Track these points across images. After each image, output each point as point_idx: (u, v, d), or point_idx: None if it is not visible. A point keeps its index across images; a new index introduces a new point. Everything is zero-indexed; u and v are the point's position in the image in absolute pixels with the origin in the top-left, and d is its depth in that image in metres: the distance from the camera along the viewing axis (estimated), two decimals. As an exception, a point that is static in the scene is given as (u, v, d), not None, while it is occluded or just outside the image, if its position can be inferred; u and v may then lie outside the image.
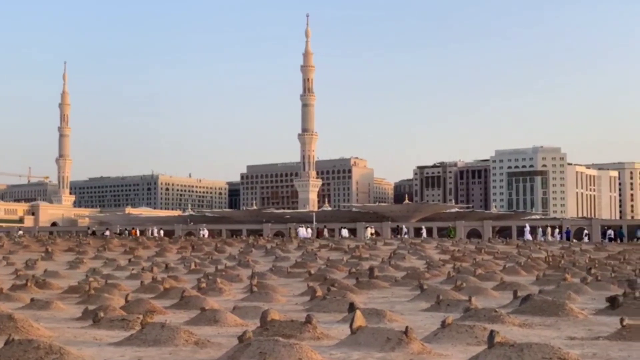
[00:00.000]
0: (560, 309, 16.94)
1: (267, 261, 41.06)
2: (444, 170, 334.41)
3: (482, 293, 22.43)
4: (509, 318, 15.58)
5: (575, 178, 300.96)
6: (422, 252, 47.47)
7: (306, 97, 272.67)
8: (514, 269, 33.70)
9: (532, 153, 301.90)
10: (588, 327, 15.16)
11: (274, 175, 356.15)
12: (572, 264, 36.65)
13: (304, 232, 79.13)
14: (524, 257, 41.99)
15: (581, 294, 22.18)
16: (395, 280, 27.67)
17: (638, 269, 33.25)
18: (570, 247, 56.00)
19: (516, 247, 54.58)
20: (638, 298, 17.78)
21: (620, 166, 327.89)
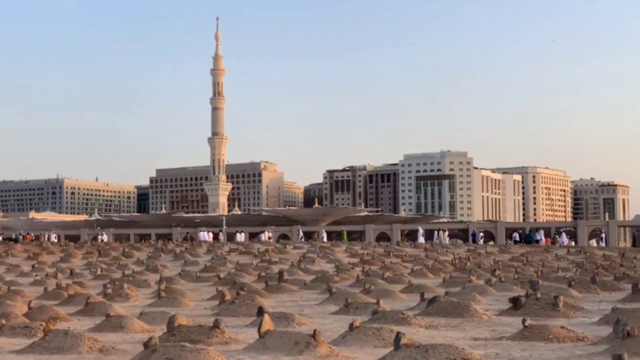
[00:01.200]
0: (465, 310, 17.26)
1: (176, 266, 40.64)
2: (353, 174, 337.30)
3: (390, 296, 22.68)
4: (415, 320, 15.79)
5: (481, 182, 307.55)
6: (331, 256, 47.73)
7: (216, 101, 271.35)
8: (422, 271, 34.20)
9: (439, 157, 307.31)
10: (492, 327, 15.49)
11: (183, 179, 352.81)
12: (478, 266, 37.40)
13: (205, 236, 78.27)
14: (431, 260, 42.66)
15: (486, 295, 22.66)
16: (304, 284, 27.74)
17: (540, 270, 34.18)
18: (476, 249, 57.15)
19: (424, 250, 55.41)
20: (539, 299, 18.25)
21: (523, 170, 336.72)
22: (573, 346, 12.68)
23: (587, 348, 12.39)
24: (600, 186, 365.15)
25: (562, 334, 13.38)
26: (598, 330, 14.50)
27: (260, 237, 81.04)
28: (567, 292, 22.38)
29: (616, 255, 50.54)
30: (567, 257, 48.16)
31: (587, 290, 24.47)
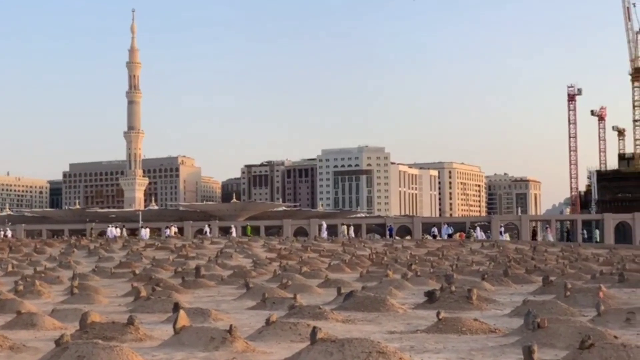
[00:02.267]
0: (381, 305, 17.41)
1: (90, 262, 39.88)
2: (271, 169, 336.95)
3: (307, 290, 22.72)
4: (332, 314, 15.85)
5: (398, 177, 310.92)
6: (249, 251, 47.56)
7: (132, 94, 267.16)
8: (339, 266, 34.36)
9: (357, 152, 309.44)
10: (407, 321, 15.66)
11: (98, 174, 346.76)
12: (395, 261, 37.79)
13: (113, 232, 76.45)
14: (348, 255, 42.91)
15: (402, 290, 22.91)
16: (221, 279, 27.57)
17: (455, 264, 34.75)
18: (393, 244, 57.75)
19: (341, 245, 55.69)
20: (454, 292, 18.54)
21: (440, 166, 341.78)
22: (485, 338, 12.92)
23: (498, 339, 12.64)
24: (514, 181, 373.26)
25: (475, 326, 13.61)
26: (510, 322, 14.81)
27: (166, 232, 79.50)
28: (481, 285, 22.80)
29: (528, 248, 51.75)
30: (481, 251, 49.08)
31: (499, 283, 24.99)
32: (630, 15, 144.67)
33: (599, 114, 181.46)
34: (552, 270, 29.90)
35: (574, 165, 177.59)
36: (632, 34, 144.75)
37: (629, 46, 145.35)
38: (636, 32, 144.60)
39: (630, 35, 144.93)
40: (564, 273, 28.47)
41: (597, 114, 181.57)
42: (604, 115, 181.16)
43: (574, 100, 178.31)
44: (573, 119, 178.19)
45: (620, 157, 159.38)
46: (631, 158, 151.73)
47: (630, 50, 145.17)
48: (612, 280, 24.33)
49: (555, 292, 20.10)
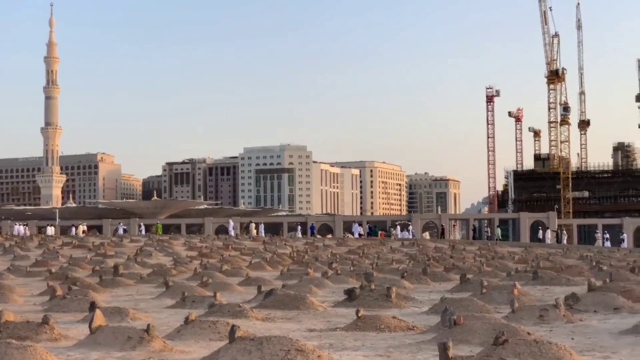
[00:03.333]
0: (301, 303, 17.46)
1: (5, 260, 38.89)
2: (193, 166, 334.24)
3: (227, 289, 22.63)
4: (252, 313, 15.82)
5: (320, 175, 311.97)
6: (169, 249, 47.13)
7: (49, 90, 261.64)
8: (260, 264, 34.32)
9: (279, 151, 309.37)
10: (327, 319, 15.74)
11: (14, 171, 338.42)
12: (315, 259, 37.93)
13: (20, 230, 73.78)
14: (270, 253, 42.89)
15: (322, 288, 23.01)
16: (140, 278, 27.24)
17: (375, 262, 35.07)
18: (314, 242, 57.96)
19: (262, 243, 55.64)
20: (373, 290, 18.71)
21: (361, 164, 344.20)
22: (403, 335, 13.08)
23: (416, 336, 12.81)
24: (434, 181, 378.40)
25: (394, 324, 13.77)
26: (427, 319, 15.02)
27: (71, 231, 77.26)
28: (400, 284, 23.06)
29: (447, 247, 52.57)
30: (401, 250, 49.65)
31: (418, 281, 25.32)
32: (547, 19, 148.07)
33: (516, 115, 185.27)
34: (470, 269, 30.45)
35: (492, 165, 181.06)
36: (549, 37, 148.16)
37: (545, 49, 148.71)
38: (552, 36, 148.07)
39: (546, 38, 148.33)
40: (481, 271, 29.01)
41: (514, 115, 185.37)
42: (521, 117, 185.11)
43: (492, 101, 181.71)
44: (491, 120, 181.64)
45: (536, 157, 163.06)
46: (546, 158, 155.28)
47: (547, 53, 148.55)
48: (527, 278, 24.89)
49: (472, 289, 20.47)
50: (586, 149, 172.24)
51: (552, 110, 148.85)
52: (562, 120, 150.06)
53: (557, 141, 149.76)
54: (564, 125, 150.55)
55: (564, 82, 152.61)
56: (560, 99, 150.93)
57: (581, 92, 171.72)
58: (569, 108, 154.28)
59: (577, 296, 16.24)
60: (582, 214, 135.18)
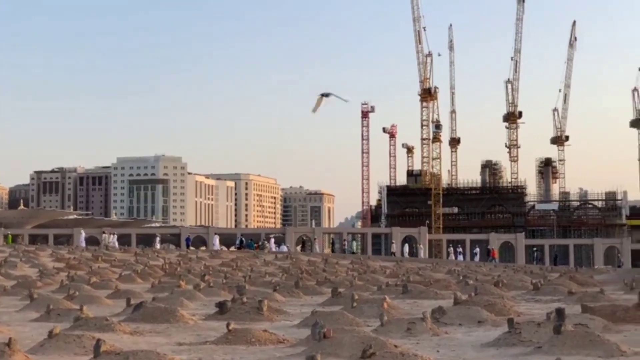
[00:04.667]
0: (171, 316, 17.21)
1: None
2: (63, 175, 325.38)
3: (95, 302, 22.09)
4: (120, 326, 15.48)
5: (195, 187, 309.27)
6: (35, 260, 45.61)
7: None
8: (131, 276, 33.68)
9: (154, 161, 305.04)
10: (197, 332, 15.58)
11: None
12: (188, 271, 37.50)
13: None
14: (141, 265, 42.13)
15: (193, 300, 22.77)
16: (4, 290, 26.25)
17: (248, 275, 34.98)
18: (187, 254, 57.30)
19: (134, 254, 54.59)
20: (245, 303, 18.65)
21: (236, 177, 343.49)
22: (274, 348, 13.08)
23: (286, 350, 12.84)
24: (309, 194, 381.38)
25: (264, 337, 13.76)
26: (298, 333, 15.08)
27: None
28: (272, 297, 23.08)
29: (320, 260, 52.98)
30: (275, 263, 49.71)
31: (290, 294, 25.40)
32: (420, 39, 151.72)
33: (390, 131, 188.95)
34: (342, 282, 30.76)
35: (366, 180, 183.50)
36: (422, 56, 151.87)
37: (419, 68, 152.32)
38: (426, 55, 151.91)
39: (420, 57, 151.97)
40: (353, 285, 29.36)
41: (389, 131, 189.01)
42: (395, 133, 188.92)
43: (367, 117, 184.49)
44: (366, 135, 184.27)
45: (409, 173, 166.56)
46: (418, 175, 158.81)
47: (420, 71, 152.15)
48: (397, 292, 25.36)
49: (343, 303, 20.68)
50: (456, 166, 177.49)
51: (424, 128, 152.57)
52: (434, 138, 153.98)
53: (429, 158, 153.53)
54: (435, 142, 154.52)
55: (436, 100, 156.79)
56: (432, 116, 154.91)
57: (452, 111, 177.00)
58: (441, 126, 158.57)
59: (443, 310, 16.65)
60: (452, 229, 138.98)
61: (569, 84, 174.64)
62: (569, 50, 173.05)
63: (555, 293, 25.32)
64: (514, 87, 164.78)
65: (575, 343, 11.48)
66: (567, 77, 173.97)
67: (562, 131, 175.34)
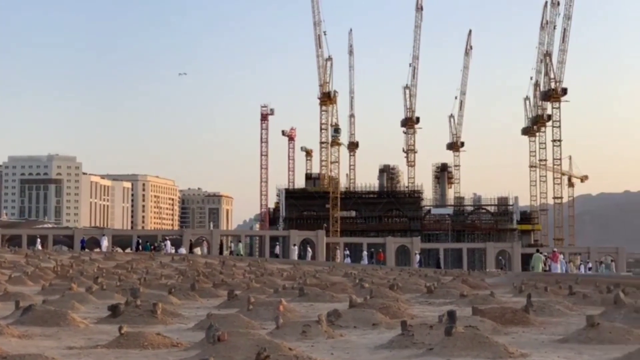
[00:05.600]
0: (62, 319, 16.78)
1: None
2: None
3: (-18, 304, 21.37)
4: (8, 329, 15.00)
5: (90, 187, 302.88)
6: None
7: None
8: (21, 279, 32.73)
9: (47, 161, 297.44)
10: (88, 336, 15.23)
11: None
12: (81, 274, 36.70)
13: None
14: (32, 267, 40.99)
15: (85, 303, 22.27)
16: None
17: (143, 277, 34.47)
18: (80, 256, 56.07)
19: (25, 256, 53.08)
20: (139, 306, 18.36)
21: (134, 178, 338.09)
22: (167, 352, 12.91)
23: (179, 353, 12.69)
24: (207, 196, 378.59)
25: (158, 341, 13.55)
26: (193, 336, 14.92)
27: None
28: (167, 299, 22.80)
29: (217, 263, 52.68)
30: (171, 265, 49.17)
31: (186, 297, 25.14)
32: (321, 43, 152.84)
33: (289, 134, 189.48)
34: (239, 285, 30.66)
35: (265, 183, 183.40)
36: (322, 60, 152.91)
37: (319, 72, 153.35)
38: (326, 59, 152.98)
39: (320, 61, 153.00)
40: (250, 287, 29.29)
41: (288, 134, 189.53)
42: (294, 136, 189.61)
43: (266, 119, 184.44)
44: (265, 138, 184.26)
45: (307, 176, 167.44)
46: (317, 178, 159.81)
47: (320, 75, 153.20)
48: (293, 294, 25.41)
49: (240, 305, 20.58)
50: (355, 170, 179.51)
51: (323, 131, 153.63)
52: (332, 141, 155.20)
53: (327, 161, 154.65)
54: (334, 146, 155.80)
55: (335, 104, 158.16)
56: (331, 120, 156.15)
57: (351, 115, 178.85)
58: (340, 130, 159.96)
59: (338, 312, 16.77)
60: (349, 233, 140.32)
61: (464, 91, 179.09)
62: (465, 58, 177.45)
63: (448, 296, 25.84)
64: (412, 93, 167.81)
65: (465, 345, 11.73)
66: (463, 84, 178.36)
67: (457, 137, 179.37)
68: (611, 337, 13.07)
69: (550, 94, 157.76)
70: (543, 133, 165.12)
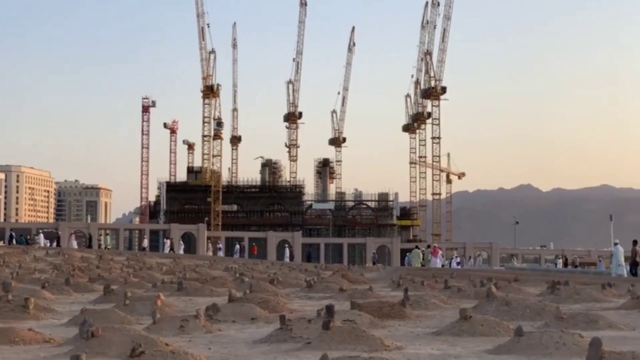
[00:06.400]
0: None
1: None
2: None
3: None
4: None
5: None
6: None
7: None
8: None
9: None
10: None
11: None
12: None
13: None
14: None
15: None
16: None
17: (16, 272, 33.35)
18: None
19: None
20: (10, 301, 17.75)
21: (7, 169, 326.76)
22: (39, 348, 12.52)
23: (52, 350, 12.33)
24: (85, 189, 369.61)
25: (29, 337, 13.13)
26: (67, 332, 14.53)
27: None
28: (40, 294, 22.13)
29: (94, 257, 51.52)
30: (45, 259, 47.78)
31: (60, 292, 24.48)
32: (204, 35, 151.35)
33: (171, 127, 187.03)
34: (116, 279, 30.06)
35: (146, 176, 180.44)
36: (205, 53, 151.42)
37: (202, 64, 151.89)
38: (209, 52, 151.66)
39: (203, 54, 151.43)
40: (127, 282, 28.77)
41: (170, 127, 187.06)
42: (176, 129, 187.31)
43: (148, 111, 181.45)
44: (146, 130, 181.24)
45: (189, 170, 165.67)
46: (199, 171, 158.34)
47: (203, 68, 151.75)
48: (172, 289, 25.10)
49: (116, 300, 20.18)
50: (237, 164, 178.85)
51: (206, 125, 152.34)
52: (215, 135, 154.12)
53: (209, 155, 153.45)
54: (217, 139, 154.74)
55: (218, 97, 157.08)
56: (214, 113, 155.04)
57: (234, 109, 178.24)
58: (222, 123, 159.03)
59: (217, 307, 16.65)
60: (231, 227, 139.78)
61: (347, 87, 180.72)
62: (348, 54, 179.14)
63: (327, 290, 26.06)
64: (295, 87, 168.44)
65: (342, 338, 11.84)
66: (346, 80, 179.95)
67: (339, 133, 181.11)
68: (483, 330, 13.46)
69: (430, 92, 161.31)
70: (423, 130, 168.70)
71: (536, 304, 17.45)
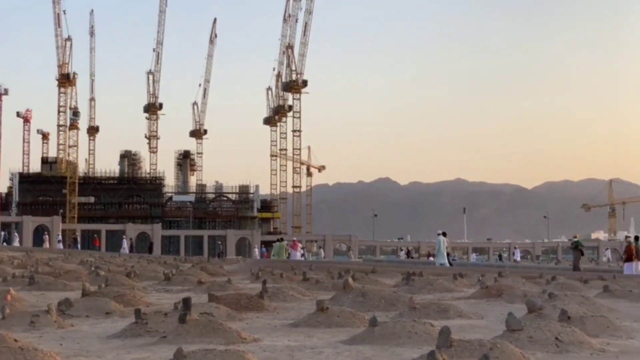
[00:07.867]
0: None
1: None
2: None
3: None
4: None
5: None
6: None
7: None
8: None
9: None
10: None
11: None
12: None
13: None
14: None
15: None
16: None
17: None
18: None
19: None
20: None
21: None
22: None
23: None
24: None
25: None
26: None
27: None
28: None
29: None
30: None
31: None
32: (60, 22, 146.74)
33: (24, 116, 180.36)
34: (-37, 274, 28.78)
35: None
36: (61, 40, 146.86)
37: (58, 52, 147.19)
38: (65, 39, 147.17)
39: (59, 41, 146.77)
40: (-25, 276, 27.59)
41: (23, 116, 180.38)
42: (30, 118, 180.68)
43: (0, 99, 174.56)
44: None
45: (44, 160, 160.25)
46: (54, 162, 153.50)
47: (59, 56, 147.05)
48: (23, 283, 24.25)
49: (-38, 296, 19.34)
50: (94, 154, 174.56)
51: (62, 114, 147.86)
52: (71, 125, 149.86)
53: (65, 145, 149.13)
54: (73, 129, 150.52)
55: (75, 86, 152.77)
56: (70, 103, 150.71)
57: (92, 98, 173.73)
58: (79, 113, 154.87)
59: (70, 301, 16.20)
60: (87, 219, 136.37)
61: (209, 79, 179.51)
62: (210, 46, 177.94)
63: (186, 283, 25.81)
64: (156, 78, 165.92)
65: (199, 331, 11.76)
66: (208, 72, 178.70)
67: (201, 125, 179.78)
68: (339, 321, 13.66)
69: (291, 85, 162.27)
70: (284, 123, 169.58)
71: (391, 295, 17.84)
